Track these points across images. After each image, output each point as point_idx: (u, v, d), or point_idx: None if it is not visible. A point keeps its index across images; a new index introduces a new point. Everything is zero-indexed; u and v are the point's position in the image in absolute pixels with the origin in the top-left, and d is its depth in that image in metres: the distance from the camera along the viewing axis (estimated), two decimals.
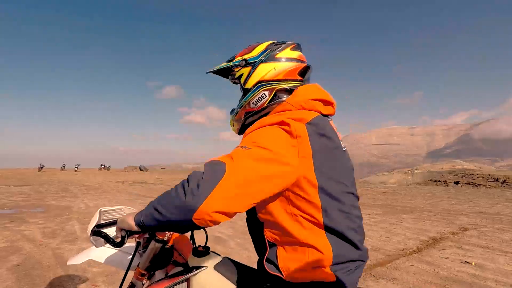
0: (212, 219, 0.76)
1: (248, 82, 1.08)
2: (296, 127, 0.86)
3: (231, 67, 1.13)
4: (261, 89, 1.06)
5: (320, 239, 0.88)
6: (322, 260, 0.87)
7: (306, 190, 0.87)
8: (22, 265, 3.40)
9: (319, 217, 0.88)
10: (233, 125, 1.19)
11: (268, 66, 1.06)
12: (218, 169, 0.77)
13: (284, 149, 0.84)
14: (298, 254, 0.89)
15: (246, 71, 1.09)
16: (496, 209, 8.33)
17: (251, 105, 1.08)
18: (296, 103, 0.98)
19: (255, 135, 0.88)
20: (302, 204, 0.88)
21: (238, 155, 0.81)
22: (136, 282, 1.14)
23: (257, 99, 1.06)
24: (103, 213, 1.10)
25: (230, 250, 4.27)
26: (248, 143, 0.85)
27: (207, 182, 0.75)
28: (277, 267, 0.91)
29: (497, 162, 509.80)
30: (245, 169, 0.78)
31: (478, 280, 3.14)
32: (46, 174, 25.82)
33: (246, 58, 1.10)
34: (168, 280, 1.04)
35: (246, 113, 1.11)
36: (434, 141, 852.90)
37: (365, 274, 3.30)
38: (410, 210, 8.08)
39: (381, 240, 4.83)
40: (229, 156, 0.81)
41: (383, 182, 22.60)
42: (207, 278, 1.03)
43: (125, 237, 0.91)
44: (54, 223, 5.79)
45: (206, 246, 1.14)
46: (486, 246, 4.44)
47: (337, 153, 0.95)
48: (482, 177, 19.50)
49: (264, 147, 0.82)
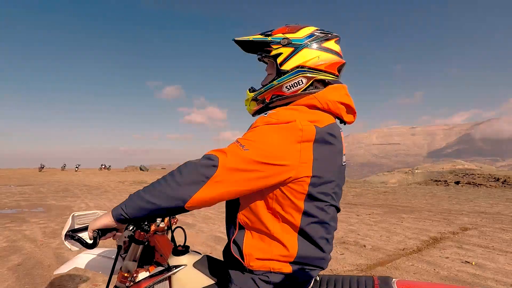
0: (201, 206, 0.83)
1: (287, 63, 1.00)
2: (305, 131, 0.84)
3: (269, 42, 1.03)
4: (299, 74, 0.99)
5: (290, 238, 0.89)
6: (285, 255, 0.89)
7: (295, 193, 0.87)
8: (23, 264, 3.41)
9: (297, 220, 0.89)
10: (249, 104, 1.11)
11: (313, 52, 1.00)
12: (211, 164, 0.80)
13: (284, 151, 0.82)
14: (263, 244, 0.90)
15: (287, 52, 1.00)
16: (496, 209, 8.32)
17: (284, 89, 1.01)
18: (324, 101, 0.95)
19: (259, 133, 0.85)
20: (286, 203, 0.89)
21: (233, 153, 0.81)
22: (119, 285, 1.15)
23: (292, 83, 1.00)
24: (76, 218, 1.12)
25: None
26: (249, 140, 0.83)
27: (198, 176, 0.80)
28: (240, 252, 0.93)
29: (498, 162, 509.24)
30: (236, 170, 0.80)
31: (479, 280, 3.14)
32: (47, 174, 25.85)
33: (289, 38, 1.01)
34: (149, 280, 1.07)
35: (274, 96, 1.04)
36: (435, 141, 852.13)
37: (365, 274, 3.30)
38: (410, 210, 8.07)
39: (381, 240, 4.83)
40: (224, 152, 0.82)
41: (384, 182, 22.58)
42: (187, 275, 1.07)
43: (97, 237, 0.94)
44: (54, 223, 5.80)
45: (186, 246, 1.19)
46: (487, 246, 4.44)
47: (335, 167, 0.94)
48: (483, 177, 19.48)
49: (261, 148, 0.81)
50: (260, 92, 1.06)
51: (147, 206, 0.83)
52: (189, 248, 1.18)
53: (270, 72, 1.08)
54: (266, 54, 1.05)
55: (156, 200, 0.81)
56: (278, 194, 0.89)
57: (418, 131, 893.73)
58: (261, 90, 1.06)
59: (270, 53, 1.03)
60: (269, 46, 1.03)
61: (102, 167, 39.07)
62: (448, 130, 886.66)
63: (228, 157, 0.80)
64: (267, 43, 1.03)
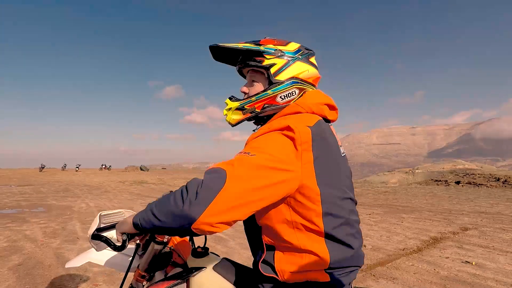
0: (211, 229, 0.74)
1: (281, 74, 1.03)
2: (301, 133, 0.85)
3: (263, 52, 1.03)
4: (293, 85, 1.03)
5: (318, 245, 0.88)
6: (319, 264, 0.88)
7: (308, 196, 0.87)
8: (24, 264, 3.41)
9: (319, 224, 0.88)
10: (232, 113, 1.08)
11: (304, 66, 1.05)
12: (218, 178, 0.74)
13: (288, 156, 0.82)
14: (295, 258, 0.90)
15: (281, 63, 1.03)
16: (497, 208, 8.32)
17: (278, 99, 1.03)
18: (306, 106, 0.98)
19: (258, 141, 0.86)
20: (304, 211, 0.88)
21: (240, 162, 0.78)
22: (136, 284, 1.14)
23: (286, 93, 1.03)
24: (103, 217, 1.09)
25: (231, 249, 4.27)
26: (251, 149, 0.83)
27: (206, 192, 0.72)
28: (273, 269, 0.92)
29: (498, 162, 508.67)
30: (246, 178, 0.75)
31: (479, 280, 3.14)
32: (47, 174, 25.86)
33: (282, 50, 1.04)
34: (167, 281, 1.04)
35: (266, 105, 1.04)
36: (435, 141, 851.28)
37: (365, 274, 3.30)
38: (410, 210, 8.07)
39: (381, 240, 4.83)
40: (230, 163, 0.78)
41: (384, 182, 22.57)
42: (206, 278, 1.04)
43: (126, 240, 0.91)
44: (55, 223, 5.81)
45: (205, 247, 1.15)
46: (487, 246, 4.44)
47: (337, 159, 0.96)
48: (483, 177, 19.47)
49: (267, 153, 0.80)
50: (249, 101, 1.05)
51: (155, 223, 0.78)
52: (208, 250, 1.15)
53: (257, 81, 1.07)
54: (257, 63, 1.05)
55: (163, 217, 0.76)
56: (293, 204, 0.88)
57: (418, 131, 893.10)
58: (252, 99, 1.05)
59: (262, 62, 1.04)
60: (262, 55, 1.04)
61: (102, 167, 39.09)
62: (449, 130, 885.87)
63: (236, 166, 0.77)
64: (260, 52, 1.04)
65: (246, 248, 4.30)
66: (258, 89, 1.07)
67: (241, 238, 4.87)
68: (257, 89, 1.07)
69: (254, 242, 1.01)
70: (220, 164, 0.80)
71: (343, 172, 0.97)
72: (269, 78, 1.04)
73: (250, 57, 1.06)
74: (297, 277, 0.90)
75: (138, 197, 10.52)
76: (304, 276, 0.90)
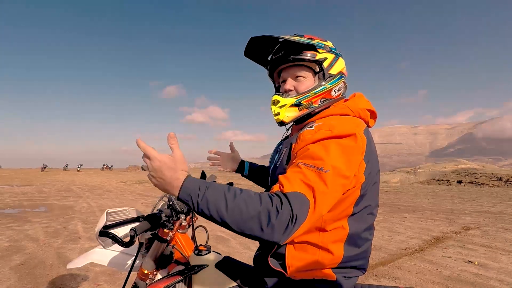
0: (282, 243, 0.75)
1: (333, 68, 1.04)
2: (363, 142, 0.86)
3: (316, 45, 1.02)
4: (342, 80, 1.06)
5: (337, 246, 0.89)
6: (330, 262, 0.89)
7: (348, 199, 0.88)
8: (25, 264, 3.42)
9: (346, 226, 0.89)
10: (285, 110, 1.02)
11: (343, 61, 1.08)
12: (304, 209, 0.72)
13: (355, 166, 0.83)
14: (308, 255, 0.90)
15: (331, 57, 1.04)
16: (499, 208, 8.28)
17: (332, 92, 1.04)
18: (355, 110, 0.98)
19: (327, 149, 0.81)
20: (337, 211, 0.88)
21: (316, 183, 0.75)
22: (139, 282, 1.15)
23: (338, 87, 1.05)
24: (109, 215, 1.10)
25: (232, 249, 4.27)
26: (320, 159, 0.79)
27: (294, 225, 0.70)
28: (282, 264, 0.92)
29: (501, 161, 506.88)
30: (326, 204, 0.77)
31: (481, 279, 3.12)
32: (49, 174, 25.95)
33: (328, 45, 1.05)
34: (170, 278, 1.05)
35: (323, 99, 1.03)
36: (437, 140, 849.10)
37: (367, 274, 3.29)
38: (412, 210, 8.04)
39: (383, 240, 4.81)
40: (310, 187, 0.75)
41: (386, 181, 22.53)
42: (208, 276, 1.05)
43: (134, 236, 0.92)
44: (57, 222, 5.82)
45: (207, 245, 1.17)
46: (489, 246, 4.41)
47: (377, 166, 0.96)
48: (485, 176, 19.40)
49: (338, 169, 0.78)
50: (307, 96, 1.01)
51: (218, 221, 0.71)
52: (210, 248, 1.16)
53: (304, 76, 1.04)
54: (310, 57, 1.01)
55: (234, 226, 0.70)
56: None
57: (420, 130, 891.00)
58: (310, 94, 1.01)
59: (315, 56, 1.01)
60: (315, 49, 1.02)
61: (104, 167, 39.20)
62: (451, 130, 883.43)
63: (317, 194, 0.74)
64: (314, 46, 1.01)
65: (248, 248, 4.30)
66: (307, 84, 1.03)
67: (242, 238, 4.86)
68: (308, 84, 1.03)
69: None
70: (298, 185, 0.75)
71: (377, 179, 0.98)
72: (323, 72, 1.02)
73: (299, 51, 1.01)
74: (305, 274, 0.90)
75: (140, 197, 10.54)
76: (312, 274, 0.90)
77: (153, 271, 1.12)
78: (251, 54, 1.11)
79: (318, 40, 1.04)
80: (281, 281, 0.93)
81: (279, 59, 1.05)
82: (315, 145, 0.84)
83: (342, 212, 0.88)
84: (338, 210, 0.88)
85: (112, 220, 1.10)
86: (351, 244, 0.90)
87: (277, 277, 0.94)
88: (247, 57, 1.12)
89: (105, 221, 1.05)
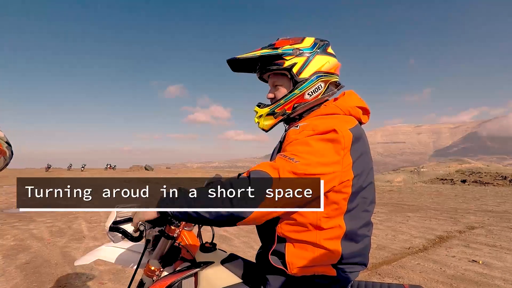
0: (253, 223, 0.83)
1: (304, 72, 1.04)
2: (345, 137, 0.86)
3: (281, 54, 1.04)
4: (319, 79, 1.05)
5: (334, 243, 0.90)
6: (329, 259, 0.91)
7: (339, 196, 0.89)
8: (31, 263, 3.45)
9: (342, 224, 0.90)
10: (264, 120, 1.10)
11: (323, 58, 1.06)
12: (264, 183, 0.79)
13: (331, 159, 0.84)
14: (307, 252, 0.91)
15: (301, 61, 1.04)
16: (504, 207, 8.23)
17: (306, 96, 1.04)
18: (345, 108, 1.00)
19: (304, 145, 0.87)
20: (330, 208, 0.89)
21: (284, 168, 0.81)
22: (145, 278, 1.17)
23: (313, 89, 1.05)
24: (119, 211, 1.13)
25: (235, 248, 4.28)
26: (295, 153, 0.85)
27: (254, 196, 0.78)
28: (283, 262, 0.93)
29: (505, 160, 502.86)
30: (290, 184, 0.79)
31: (486, 279, 3.11)
32: (53, 174, 26.12)
33: (300, 48, 1.05)
34: (176, 275, 1.07)
35: (296, 105, 1.06)
36: (441, 139, 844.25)
37: (370, 273, 3.28)
38: (416, 209, 8.01)
39: (387, 239, 4.80)
40: (275, 168, 0.82)
41: (389, 180, 22.44)
42: (214, 272, 1.07)
43: (143, 231, 0.96)
44: (61, 222, 5.86)
45: (213, 243, 1.18)
46: (494, 245, 4.39)
47: (370, 163, 0.98)
48: (490, 175, 19.27)
49: (310, 160, 0.82)
50: (278, 105, 1.07)
51: (194, 216, 0.82)
52: (216, 246, 1.18)
53: (280, 84, 1.08)
54: (278, 66, 1.05)
55: (206, 214, 0.80)
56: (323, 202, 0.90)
57: (423, 129, 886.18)
58: (280, 102, 1.06)
59: (282, 65, 1.04)
60: (282, 58, 1.04)
61: (107, 166, 39.38)
62: (454, 129, 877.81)
63: (281, 171, 0.80)
64: (279, 55, 1.04)
65: (251, 247, 4.31)
66: (283, 91, 1.08)
67: (246, 237, 4.87)
68: (283, 92, 1.08)
69: (265, 232, 1.01)
70: (263, 167, 0.83)
71: (370, 176, 0.99)
72: (293, 78, 1.05)
73: (269, 62, 1.07)
74: (305, 271, 0.92)
75: None
76: (312, 270, 0.92)
77: (159, 268, 1.14)
78: (238, 70, 1.18)
79: (287, 45, 1.06)
80: (282, 278, 0.95)
81: (259, 71, 1.13)
82: (296, 142, 0.90)
83: (336, 209, 0.90)
84: (332, 207, 0.89)
85: (122, 216, 1.14)
86: (349, 241, 0.92)
87: (279, 274, 0.96)
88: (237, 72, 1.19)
89: (114, 217, 1.09)
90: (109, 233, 1.05)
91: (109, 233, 1.05)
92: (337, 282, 0.92)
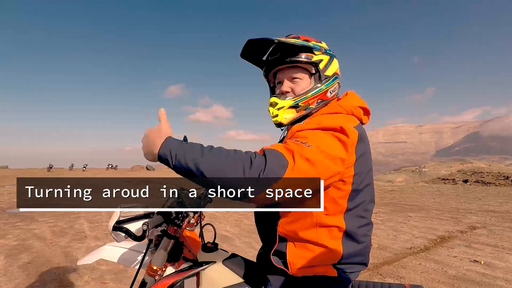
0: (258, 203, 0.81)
1: (329, 70, 1.05)
2: (352, 135, 0.85)
3: (312, 47, 1.02)
4: (336, 80, 1.08)
5: (335, 242, 0.91)
6: (330, 258, 0.91)
7: (339, 193, 0.89)
8: (33, 262, 3.46)
9: (342, 222, 0.90)
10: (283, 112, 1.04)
11: (337, 62, 1.10)
12: (281, 164, 0.73)
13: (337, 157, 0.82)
14: (308, 252, 0.91)
15: (326, 59, 1.05)
16: (506, 207, 8.20)
17: (328, 94, 1.05)
18: (348, 108, 1.00)
19: (314, 135, 0.84)
20: (330, 206, 0.90)
21: (300, 151, 0.76)
22: (148, 278, 1.18)
23: (333, 88, 1.07)
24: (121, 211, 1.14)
25: (236, 248, 4.28)
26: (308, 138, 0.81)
27: (269, 177, 0.71)
28: (284, 262, 0.94)
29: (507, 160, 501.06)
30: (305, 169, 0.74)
31: (487, 279, 3.10)
32: (55, 174, 26.19)
33: (323, 47, 1.05)
34: (178, 274, 1.08)
35: (319, 100, 1.04)
36: (442, 139, 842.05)
37: (372, 273, 3.28)
38: (417, 209, 8.00)
39: (388, 239, 4.79)
40: (290, 150, 0.76)
41: (390, 180, 22.41)
42: (216, 272, 1.08)
43: (146, 231, 0.97)
44: (63, 222, 5.88)
45: (215, 243, 1.19)
46: (496, 245, 4.37)
47: (370, 162, 0.98)
48: (492, 175, 19.20)
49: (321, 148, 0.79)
50: (305, 97, 1.02)
51: (196, 173, 0.73)
52: (218, 245, 1.19)
53: (300, 77, 1.04)
54: (308, 59, 1.02)
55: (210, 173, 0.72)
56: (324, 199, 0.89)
57: (425, 129, 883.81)
58: (307, 95, 1.02)
59: (311, 58, 1.02)
60: (311, 51, 1.02)
61: (109, 166, 39.47)
62: (456, 128, 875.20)
63: (296, 157, 0.75)
64: (310, 48, 1.02)
65: (252, 247, 4.31)
66: (303, 86, 1.04)
67: (247, 237, 4.88)
68: (304, 86, 1.04)
69: (266, 232, 1.01)
70: (278, 148, 0.78)
71: (370, 174, 1.00)
72: (319, 73, 1.04)
73: (295, 53, 1.02)
74: (306, 271, 0.92)
75: None
76: (313, 270, 0.92)
77: (162, 267, 1.15)
78: (248, 56, 1.11)
79: (314, 41, 1.04)
80: (283, 278, 0.96)
81: (275, 61, 1.06)
82: (302, 131, 0.88)
83: (336, 208, 0.90)
84: (332, 206, 0.89)
85: (125, 216, 1.15)
86: (350, 240, 0.92)
87: (280, 274, 0.96)
88: (244, 58, 1.12)
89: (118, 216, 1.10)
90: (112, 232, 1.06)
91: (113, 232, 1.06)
92: (338, 282, 0.92)
